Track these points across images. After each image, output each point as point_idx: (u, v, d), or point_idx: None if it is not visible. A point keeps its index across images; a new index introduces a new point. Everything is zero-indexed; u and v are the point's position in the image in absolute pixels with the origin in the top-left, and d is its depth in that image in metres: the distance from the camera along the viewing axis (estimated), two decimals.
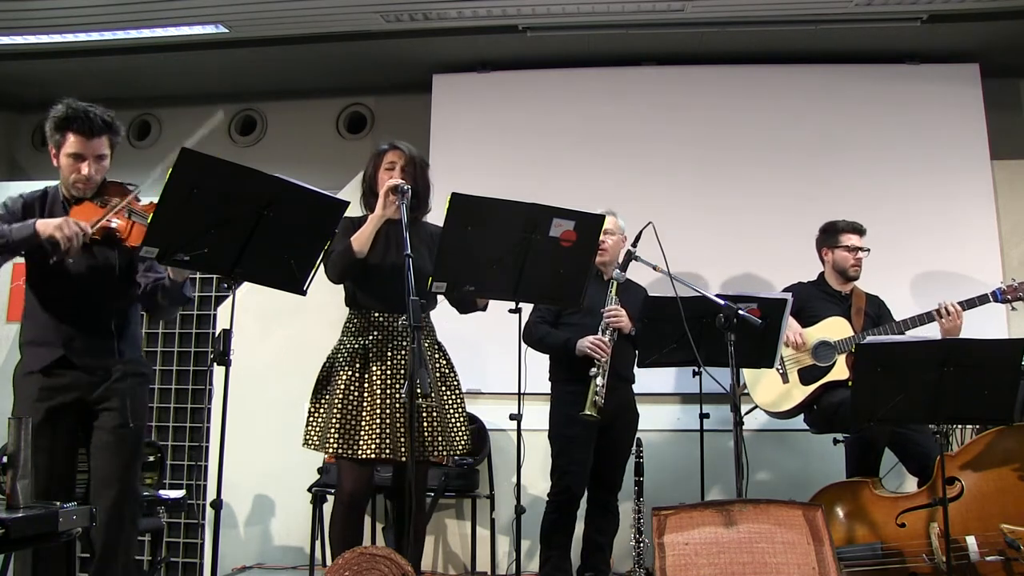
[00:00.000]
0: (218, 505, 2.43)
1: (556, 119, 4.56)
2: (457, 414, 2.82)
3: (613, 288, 3.21)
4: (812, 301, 3.60)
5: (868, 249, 3.61)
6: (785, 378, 3.52)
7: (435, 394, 2.74)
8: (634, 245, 3.25)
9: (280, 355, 4.35)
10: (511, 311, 3.25)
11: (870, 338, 3.25)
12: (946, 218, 4.29)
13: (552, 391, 3.36)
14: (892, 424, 3.16)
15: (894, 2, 3.98)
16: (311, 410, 2.77)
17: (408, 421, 2.41)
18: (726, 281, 4.26)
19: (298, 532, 4.21)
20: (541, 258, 2.58)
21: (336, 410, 2.67)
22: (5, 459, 2.12)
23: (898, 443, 3.31)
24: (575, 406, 3.08)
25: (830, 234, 3.66)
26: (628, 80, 4.59)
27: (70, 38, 4.33)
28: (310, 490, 3.89)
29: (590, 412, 3.05)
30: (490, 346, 4.09)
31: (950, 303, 3.31)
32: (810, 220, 3.81)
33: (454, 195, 2.45)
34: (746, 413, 3.50)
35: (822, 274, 3.70)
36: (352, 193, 2.95)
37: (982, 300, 3.34)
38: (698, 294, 3.05)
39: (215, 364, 2.42)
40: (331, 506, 2.94)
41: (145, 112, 5.18)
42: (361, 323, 2.79)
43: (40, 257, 2.44)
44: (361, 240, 2.70)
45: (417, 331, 2.31)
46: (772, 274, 3.90)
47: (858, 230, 3.61)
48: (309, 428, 2.75)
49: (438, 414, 2.75)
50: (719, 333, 2.95)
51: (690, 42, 4.45)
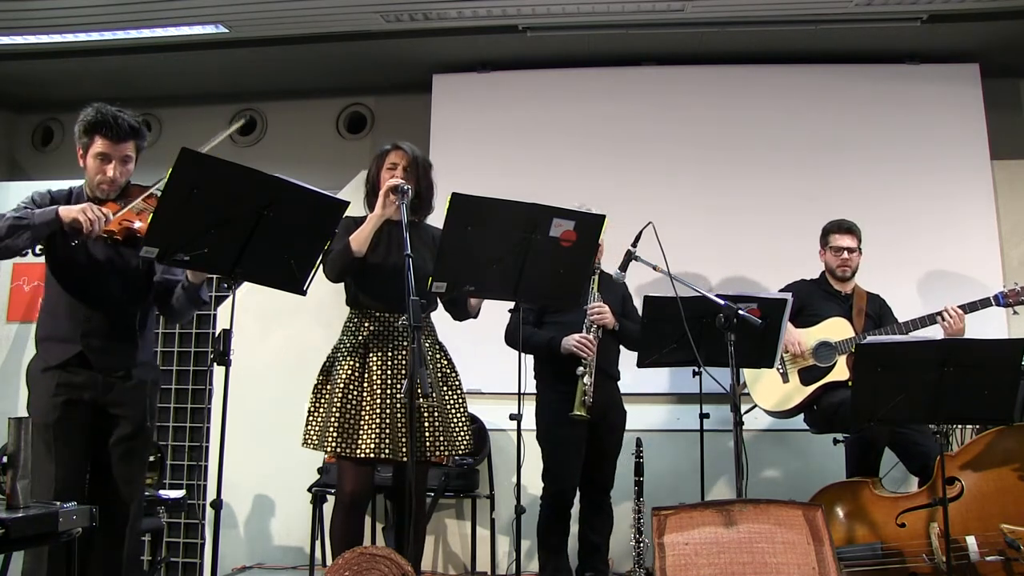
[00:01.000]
0: (218, 505, 2.43)
1: (556, 119, 4.56)
2: (459, 414, 2.82)
3: (594, 284, 3.20)
4: (813, 300, 3.60)
5: (858, 249, 3.60)
6: (785, 378, 3.52)
7: (436, 394, 2.74)
8: (634, 245, 3.25)
9: (280, 355, 4.35)
10: (511, 311, 3.27)
11: (870, 338, 3.25)
12: (946, 218, 4.29)
13: (538, 391, 3.34)
14: (892, 424, 3.16)
15: (894, 2, 3.98)
16: (310, 409, 2.77)
17: (408, 421, 2.41)
18: (726, 281, 4.26)
19: (298, 532, 4.21)
20: (541, 258, 2.58)
21: (335, 409, 2.68)
22: (5, 459, 2.12)
23: (898, 443, 3.31)
24: (563, 405, 3.08)
25: (823, 234, 3.67)
26: (628, 80, 4.59)
27: (70, 38, 4.33)
28: (310, 490, 3.89)
29: (580, 412, 3.05)
30: (490, 346, 4.06)
31: (953, 307, 3.31)
32: (810, 220, 3.81)
33: (454, 195, 2.45)
34: (745, 412, 3.50)
35: (823, 273, 3.71)
36: (352, 193, 2.96)
37: (984, 304, 3.34)
38: (698, 294, 3.05)
39: (215, 364, 2.43)
40: (331, 506, 2.94)
41: (145, 112, 5.14)
42: (361, 323, 2.79)
43: (62, 247, 2.45)
44: (360, 239, 2.70)
45: (417, 331, 2.31)
46: (772, 274, 3.90)
47: (843, 228, 3.60)
48: (308, 428, 2.75)
49: (440, 414, 2.75)
50: (719, 333, 2.94)
51: (690, 42, 4.45)
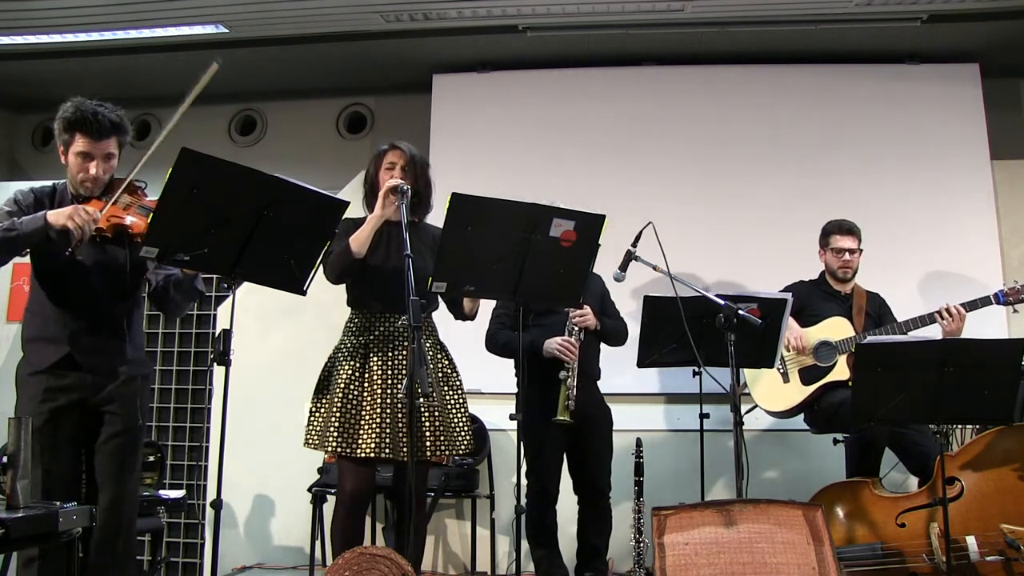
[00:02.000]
0: (218, 505, 2.43)
1: (556, 119, 4.56)
2: (460, 413, 2.82)
3: None
4: (813, 300, 3.60)
5: (859, 249, 3.60)
6: (786, 378, 3.52)
7: (437, 393, 2.74)
8: (634, 245, 3.25)
9: (280, 355, 4.35)
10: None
11: (870, 338, 3.25)
12: (946, 218, 4.29)
13: (519, 391, 3.32)
14: (892, 424, 3.16)
15: (894, 2, 3.98)
16: (312, 410, 2.77)
17: (408, 421, 2.41)
18: (726, 281, 4.26)
19: (298, 532, 4.21)
20: (541, 258, 2.58)
21: (336, 409, 2.68)
22: (5, 459, 2.12)
23: (898, 443, 3.31)
24: (545, 407, 3.08)
25: (823, 235, 3.67)
26: (628, 80, 4.59)
27: (70, 38, 4.33)
28: (310, 490, 3.89)
29: (563, 417, 3.05)
30: None
31: (953, 305, 3.30)
32: (810, 220, 3.81)
33: (454, 195, 2.45)
34: (746, 413, 3.50)
35: (823, 273, 3.71)
36: (352, 193, 2.95)
37: (984, 302, 3.33)
38: (698, 294, 3.05)
39: (215, 364, 2.43)
40: (331, 506, 2.94)
41: (145, 112, 5.17)
42: (362, 323, 2.79)
43: (50, 252, 2.41)
44: (360, 240, 2.70)
45: (417, 331, 2.31)
46: (772, 274, 3.90)
47: (845, 229, 3.59)
48: (310, 428, 2.75)
49: (440, 414, 2.75)
50: (719, 333, 2.94)
51: (690, 42, 4.45)
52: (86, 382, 2.48)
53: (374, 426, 2.64)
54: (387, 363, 2.72)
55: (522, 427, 2.93)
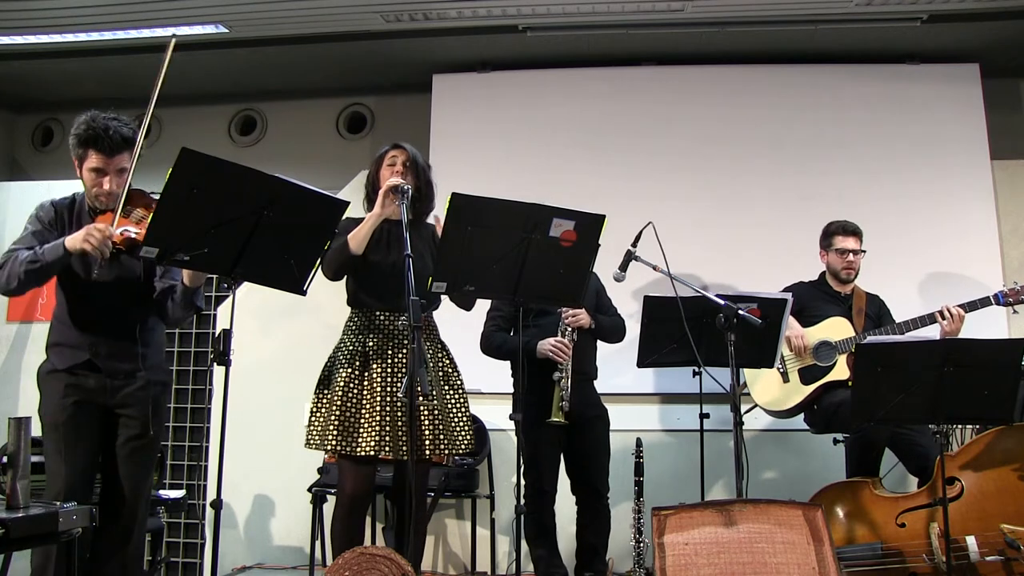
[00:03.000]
0: (218, 505, 2.43)
1: (556, 119, 4.56)
2: (460, 413, 2.82)
3: None
4: (813, 301, 3.60)
5: (862, 251, 3.61)
6: (786, 378, 3.52)
7: (437, 393, 2.74)
8: (634, 245, 3.25)
9: (280, 355, 4.35)
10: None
11: (870, 338, 3.25)
12: (946, 218, 4.29)
13: (515, 391, 3.32)
14: (892, 424, 3.16)
15: (894, 2, 3.98)
16: (312, 410, 2.77)
17: (408, 420, 2.41)
18: (726, 281, 4.26)
19: (298, 532, 4.21)
20: (541, 258, 2.58)
21: (336, 408, 2.68)
22: (5, 459, 2.13)
23: (898, 443, 3.31)
24: (540, 408, 3.08)
25: (824, 236, 3.67)
26: (628, 80, 4.59)
27: (70, 38, 4.33)
28: (310, 490, 3.89)
29: (557, 418, 3.05)
30: None
31: (952, 306, 3.31)
32: (810, 220, 3.82)
33: (454, 195, 2.45)
34: (746, 412, 3.50)
35: (823, 274, 3.71)
36: (352, 193, 2.96)
37: (984, 303, 3.33)
38: (698, 294, 3.05)
39: (215, 364, 2.43)
40: (331, 506, 2.94)
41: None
42: (362, 322, 2.79)
43: (74, 273, 2.48)
44: (358, 239, 2.70)
45: (417, 331, 2.31)
46: (772, 274, 3.90)
47: (848, 230, 3.60)
48: (310, 428, 2.75)
49: (440, 413, 2.75)
50: (719, 333, 2.94)
51: (690, 42, 4.45)
52: (105, 385, 2.52)
53: (374, 426, 2.64)
54: (387, 363, 2.72)
55: (521, 427, 2.94)
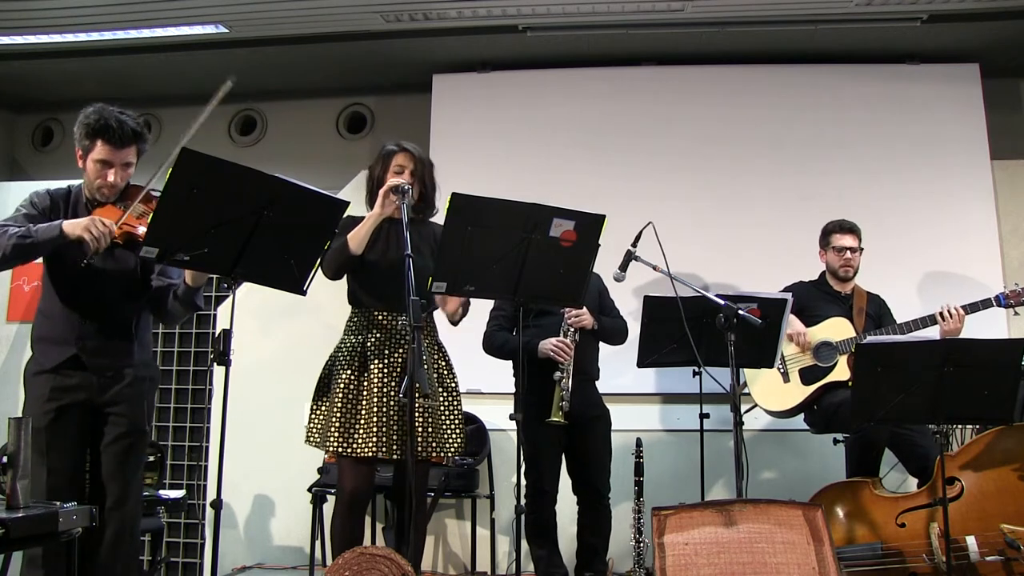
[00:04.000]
0: (218, 505, 2.43)
1: (556, 119, 4.56)
2: (452, 416, 2.82)
3: None
4: (813, 301, 3.60)
5: (859, 248, 3.61)
6: (786, 378, 3.52)
7: (435, 394, 2.74)
8: (634, 245, 3.25)
9: (280, 355, 4.35)
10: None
11: (871, 338, 3.25)
12: (946, 218, 4.29)
13: (516, 391, 3.32)
14: (892, 424, 3.16)
15: (894, 2, 3.98)
16: (313, 408, 2.78)
17: (408, 420, 2.41)
18: (726, 281, 4.26)
19: (298, 532, 4.21)
20: (541, 258, 2.58)
21: (336, 408, 2.68)
22: (5, 459, 2.12)
23: (898, 443, 3.31)
24: (542, 408, 3.07)
25: (823, 235, 3.68)
26: (628, 80, 4.59)
27: (70, 38, 4.33)
28: (310, 490, 3.89)
29: (556, 418, 3.05)
30: None
31: (952, 306, 3.31)
32: (810, 220, 3.82)
33: (454, 195, 2.45)
34: (745, 412, 3.50)
35: (823, 273, 3.71)
36: (352, 193, 2.96)
37: (985, 304, 3.34)
38: (698, 294, 3.05)
39: (215, 364, 2.42)
40: (331, 506, 2.94)
41: (145, 112, 5.15)
42: (362, 322, 2.79)
43: (65, 260, 2.44)
44: (357, 238, 2.70)
45: (417, 331, 2.31)
46: (772, 274, 3.90)
47: (845, 228, 3.60)
48: (311, 425, 2.75)
49: (430, 413, 2.74)
50: (719, 333, 2.94)
51: (690, 42, 4.45)
52: (92, 383, 2.49)
53: (372, 425, 2.64)
54: (387, 363, 2.72)
55: (521, 427, 2.93)
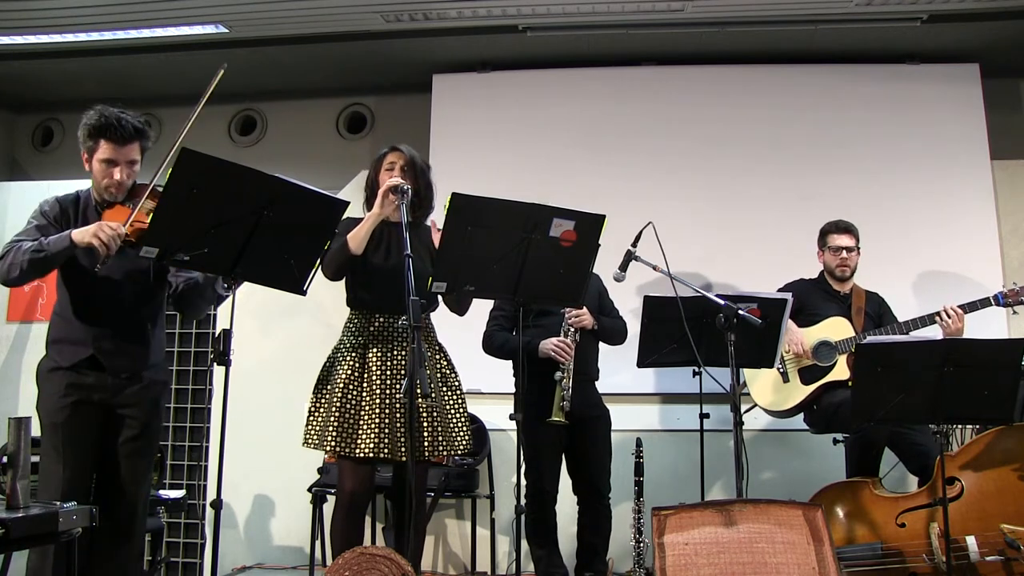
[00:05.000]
0: (218, 505, 2.43)
1: (556, 119, 4.56)
2: (458, 414, 2.83)
3: None
4: (812, 299, 3.60)
5: (856, 248, 3.61)
6: (786, 378, 3.52)
7: (436, 394, 2.75)
8: (634, 245, 3.25)
9: (280, 355, 4.35)
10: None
11: (870, 338, 3.25)
12: (946, 218, 4.29)
13: (517, 391, 3.31)
14: (892, 424, 3.16)
15: (894, 2, 3.98)
16: (311, 409, 2.77)
17: (408, 421, 2.41)
18: (725, 281, 4.26)
19: (298, 532, 4.21)
20: (541, 258, 2.58)
21: (335, 409, 2.68)
22: (5, 459, 2.13)
23: (898, 443, 3.31)
24: (542, 408, 3.07)
25: (820, 236, 3.69)
26: (628, 80, 4.59)
27: (70, 38, 4.33)
28: (310, 490, 3.89)
29: (557, 418, 3.05)
30: None
31: (952, 306, 3.31)
32: (810, 220, 3.81)
33: (454, 195, 2.46)
34: (745, 412, 3.50)
35: (822, 273, 3.71)
36: (352, 193, 2.96)
37: (984, 303, 3.34)
38: (698, 294, 3.05)
39: (215, 364, 2.43)
40: (331, 506, 2.94)
41: (145, 112, 5.12)
42: (361, 323, 2.80)
43: (78, 270, 2.45)
44: (357, 238, 2.70)
45: (417, 331, 2.31)
46: (772, 274, 3.90)
47: (842, 228, 3.60)
48: (309, 428, 2.75)
49: (439, 414, 2.75)
50: (719, 333, 2.94)
51: (690, 42, 4.45)
52: (107, 383, 2.50)
53: (373, 426, 2.64)
54: (386, 363, 2.72)
55: (522, 427, 2.93)
